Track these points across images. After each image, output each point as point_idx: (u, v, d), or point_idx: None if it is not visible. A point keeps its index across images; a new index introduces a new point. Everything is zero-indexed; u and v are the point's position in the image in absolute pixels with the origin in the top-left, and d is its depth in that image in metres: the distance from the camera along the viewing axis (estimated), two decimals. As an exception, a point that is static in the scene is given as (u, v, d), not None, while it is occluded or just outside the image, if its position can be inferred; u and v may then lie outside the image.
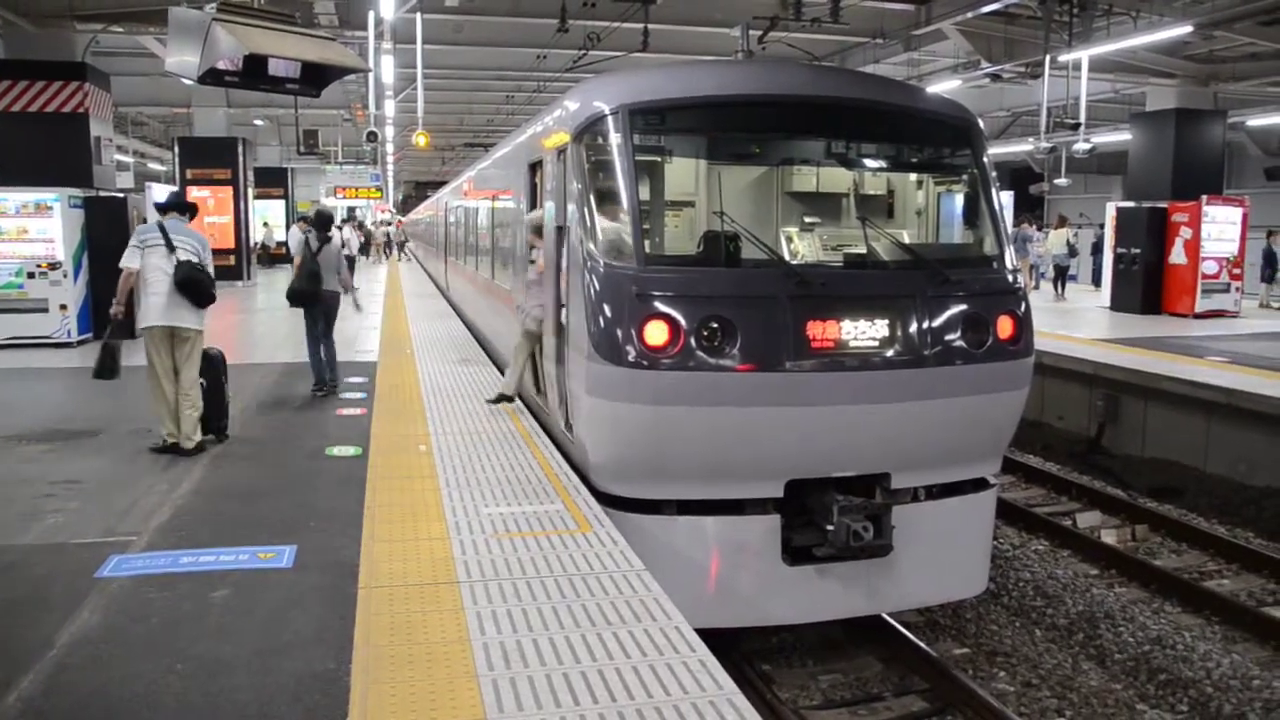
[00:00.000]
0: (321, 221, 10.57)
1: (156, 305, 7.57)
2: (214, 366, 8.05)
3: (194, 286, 7.60)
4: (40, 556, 5.45)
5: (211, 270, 7.90)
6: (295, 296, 10.17)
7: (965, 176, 7.80)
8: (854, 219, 7.93)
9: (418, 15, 15.97)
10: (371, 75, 18.29)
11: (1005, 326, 6.95)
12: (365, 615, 4.48)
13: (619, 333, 6.28)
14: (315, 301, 10.07)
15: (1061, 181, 27.57)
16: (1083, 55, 17.37)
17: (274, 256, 31.74)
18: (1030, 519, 10.93)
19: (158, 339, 7.65)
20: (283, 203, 34.79)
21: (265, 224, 31.76)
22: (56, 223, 13.82)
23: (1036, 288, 24.50)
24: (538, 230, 8.38)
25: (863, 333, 6.53)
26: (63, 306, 13.75)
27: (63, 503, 6.43)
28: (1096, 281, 25.26)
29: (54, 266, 13.75)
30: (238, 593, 4.84)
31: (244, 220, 24.91)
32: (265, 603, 4.71)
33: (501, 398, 9.28)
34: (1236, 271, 19.59)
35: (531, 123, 9.75)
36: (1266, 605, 8.72)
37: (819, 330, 6.41)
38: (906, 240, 7.75)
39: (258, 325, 15.37)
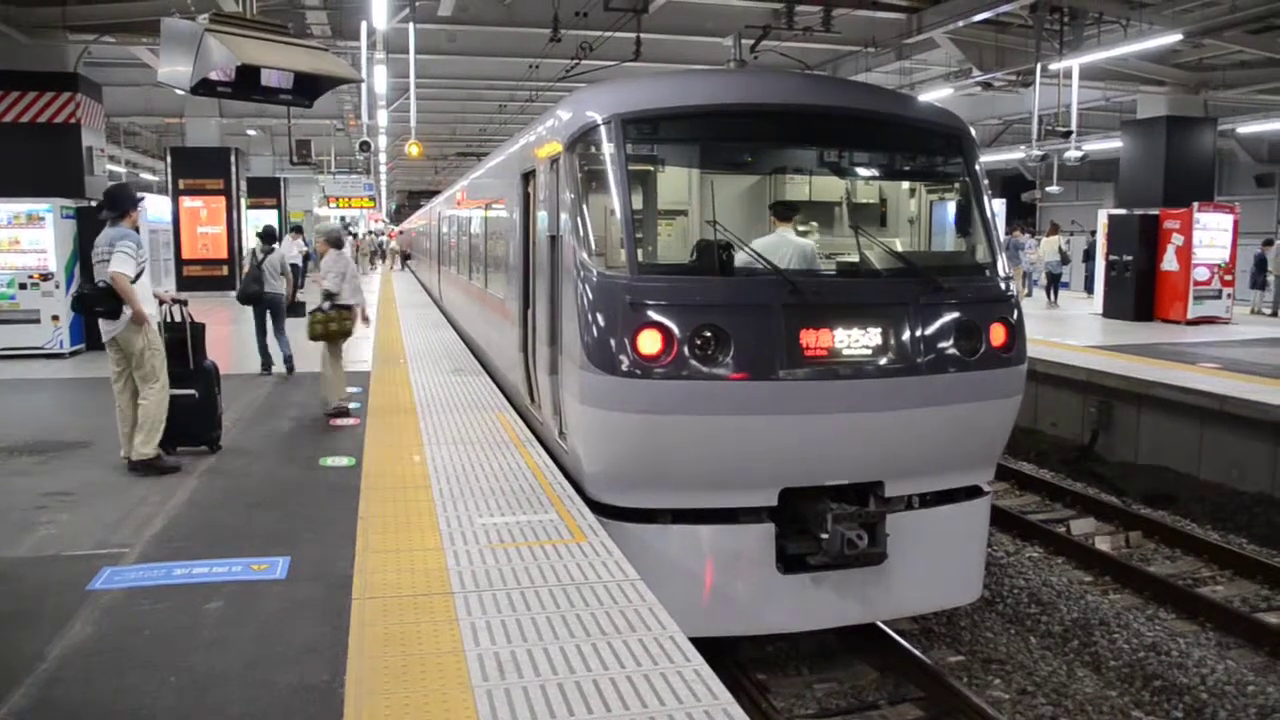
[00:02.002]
0: (266, 235, 12.74)
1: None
2: (206, 377, 8.01)
3: (86, 310, 7.50)
4: (32, 569, 5.42)
5: (128, 259, 7.25)
6: (242, 297, 12.21)
7: (957, 184, 7.82)
8: (847, 227, 7.94)
9: (410, 25, 15.98)
10: (364, 85, 18.32)
11: (998, 334, 6.97)
12: (359, 627, 4.47)
13: (612, 342, 6.28)
14: (259, 301, 12.02)
15: (1053, 189, 27.68)
16: (1073, 63, 17.44)
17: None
18: (1024, 526, 10.94)
19: (108, 354, 7.63)
20: (275, 213, 34.72)
21: (258, 234, 31.69)
22: (49, 233, 13.78)
23: (1029, 295, 24.57)
24: (327, 239, 10.18)
25: (856, 341, 6.54)
26: (55, 318, 13.71)
27: (54, 515, 6.40)
28: (1089, 288, 25.35)
29: (46, 277, 13.72)
30: (231, 604, 4.82)
31: (237, 230, 24.88)
32: (259, 614, 4.69)
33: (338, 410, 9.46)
34: (1228, 278, 19.66)
35: (524, 132, 9.76)
36: (1260, 611, 8.73)
37: (812, 339, 6.42)
38: (899, 248, 7.77)
39: (251, 335, 15.31)
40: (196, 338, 8.00)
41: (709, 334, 6.25)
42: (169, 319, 8.05)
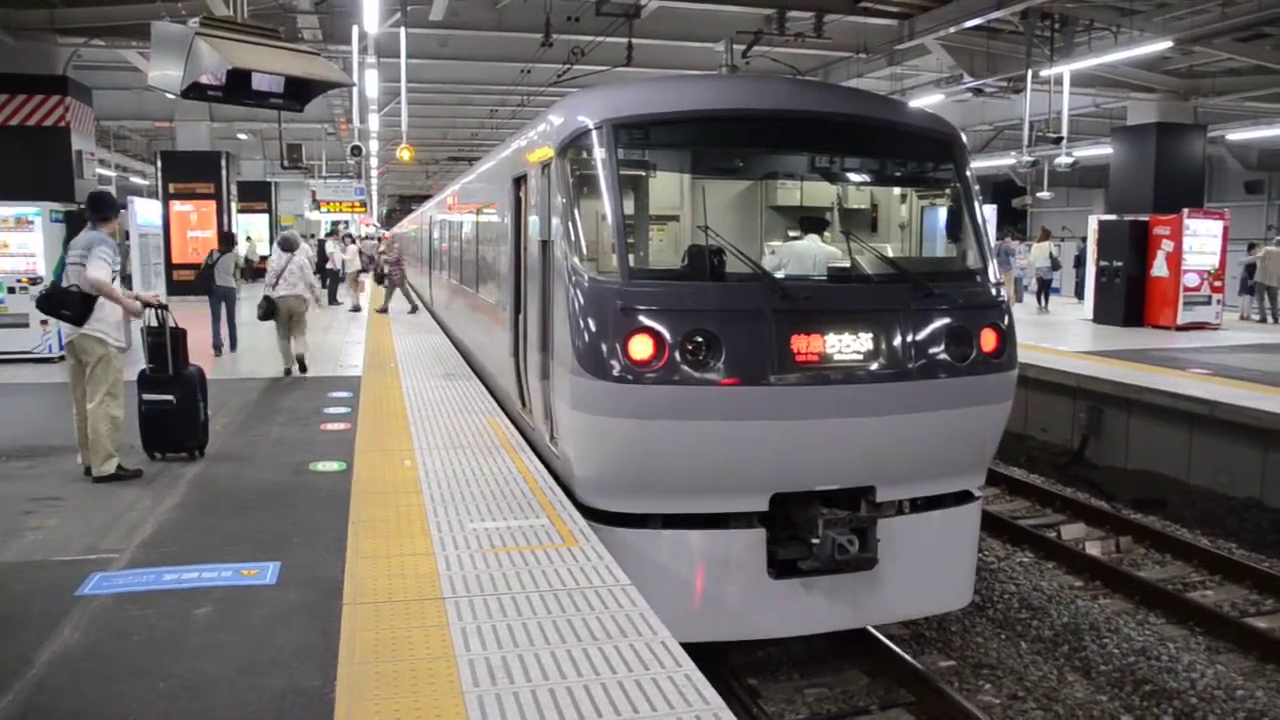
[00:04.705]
0: (226, 239, 16.41)
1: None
2: (189, 384, 7.93)
3: (51, 310, 7.43)
4: (20, 574, 5.39)
5: (104, 264, 7.25)
6: (198, 288, 15.66)
7: (948, 190, 7.84)
8: (838, 233, 7.96)
9: (402, 29, 15.97)
10: (355, 89, 18.30)
11: (988, 339, 6.98)
12: (350, 632, 4.46)
13: (603, 347, 6.28)
14: (210, 292, 14.60)
15: (1044, 195, 27.79)
16: (1064, 70, 17.51)
17: (258, 271, 31.58)
18: (1015, 531, 10.95)
19: (67, 357, 7.61)
20: (266, 217, 34.70)
21: (248, 238, 31.62)
22: (38, 237, 13.73)
23: (1019, 300, 24.64)
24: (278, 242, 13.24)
25: (847, 346, 6.55)
26: (44, 322, 13.59)
27: (43, 519, 6.37)
28: (1079, 294, 25.44)
29: (35, 281, 13.61)
30: (221, 610, 4.80)
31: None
32: (249, 620, 4.68)
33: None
34: (1217, 284, 19.75)
35: (516, 137, 9.76)
36: (1249, 616, 8.76)
37: (803, 344, 6.42)
38: (890, 254, 7.78)
39: (241, 340, 15.31)
40: (177, 343, 7.93)
41: (700, 339, 6.24)
42: (150, 324, 8.00)
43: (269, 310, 12.41)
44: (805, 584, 6.68)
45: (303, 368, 12.52)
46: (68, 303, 7.27)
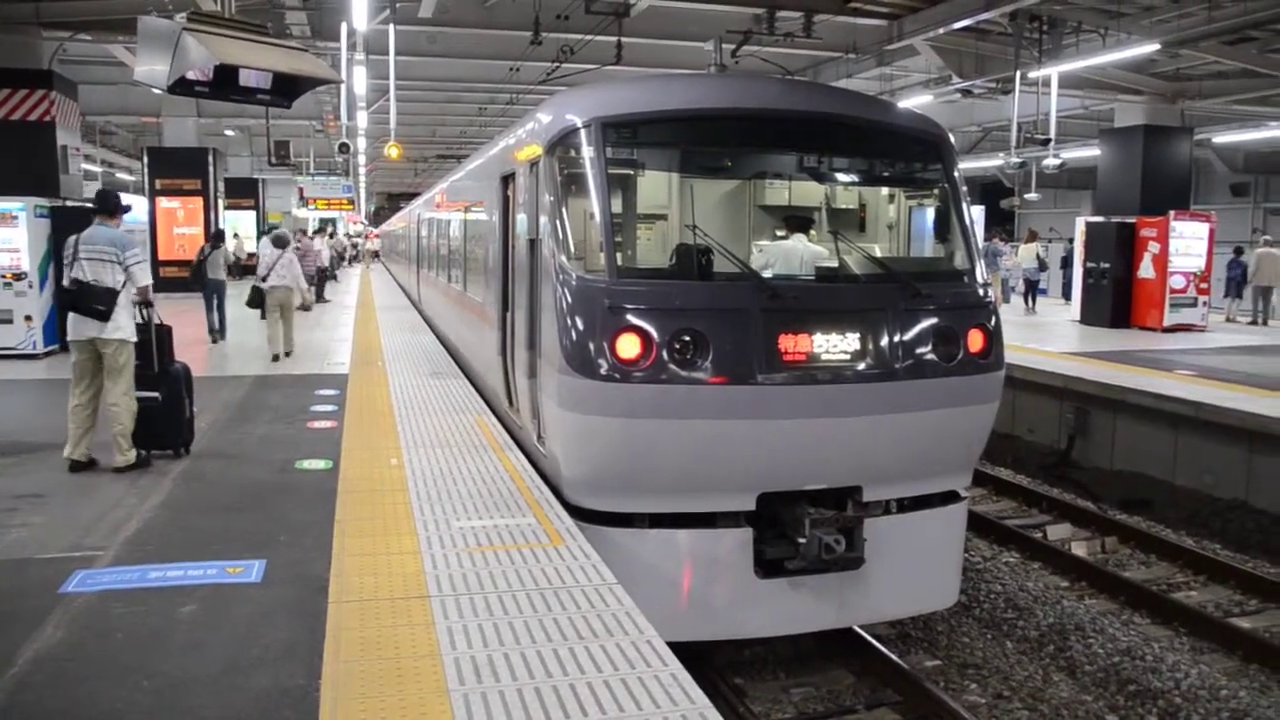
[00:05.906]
0: (216, 235, 17.71)
1: (69, 319, 7.54)
2: (174, 381, 7.89)
3: (82, 307, 7.43)
4: (3, 571, 5.35)
5: (137, 264, 7.59)
6: (191, 281, 16.22)
7: (936, 191, 7.85)
8: (826, 233, 7.96)
9: (390, 26, 15.94)
10: (344, 86, 18.27)
11: (976, 340, 6.99)
12: (335, 630, 4.44)
13: (591, 345, 6.27)
14: (203, 286, 15.60)
15: (1032, 196, 27.93)
16: (1052, 72, 17.57)
17: (245, 268, 31.50)
18: (1001, 531, 10.98)
19: (73, 353, 7.62)
20: (253, 214, 34.55)
21: (235, 235, 31.48)
22: (22, 232, 13.62)
23: (1007, 301, 24.71)
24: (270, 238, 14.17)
25: (834, 346, 6.55)
26: (28, 318, 13.55)
27: (26, 517, 6.33)
28: (1066, 295, 25.52)
29: (19, 277, 13.56)
30: (206, 608, 4.78)
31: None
32: (234, 618, 4.65)
33: None
34: (1204, 286, 19.84)
35: (504, 135, 9.74)
36: (1234, 616, 8.80)
37: (791, 343, 6.43)
38: (878, 254, 7.80)
39: (229, 335, 15.28)
40: (162, 340, 7.90)
41: (688, 338, 6.24)
42: (135, 320, 7.96)
43: (257, 298, 13.68)
44: (792, 583, 6.68)
45: (286, 354, 13.68)
46: (102, 299, 7.35)
